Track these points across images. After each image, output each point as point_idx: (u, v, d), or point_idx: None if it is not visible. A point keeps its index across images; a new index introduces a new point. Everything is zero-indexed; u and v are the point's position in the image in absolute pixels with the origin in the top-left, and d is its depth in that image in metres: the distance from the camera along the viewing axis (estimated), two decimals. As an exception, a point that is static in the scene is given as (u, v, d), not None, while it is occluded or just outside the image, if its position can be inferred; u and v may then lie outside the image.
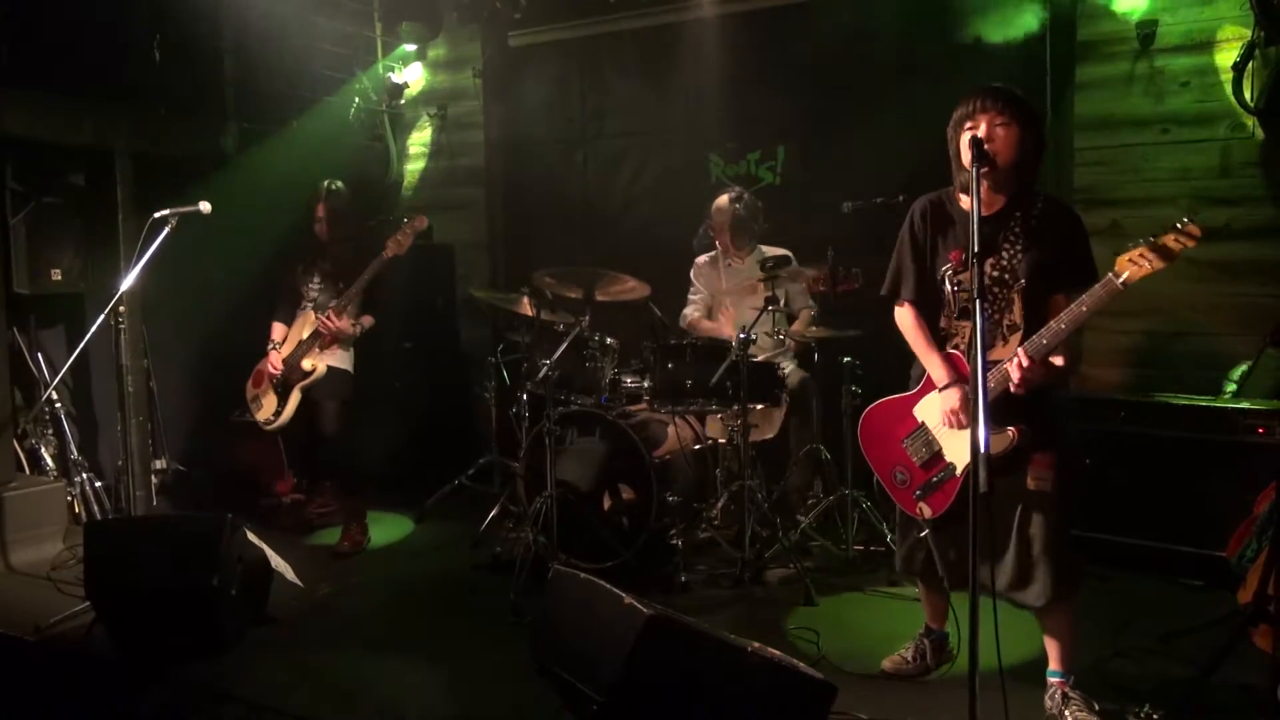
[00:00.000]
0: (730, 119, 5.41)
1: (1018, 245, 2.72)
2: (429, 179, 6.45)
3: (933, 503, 2.82)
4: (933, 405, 2.85)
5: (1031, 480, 2.68)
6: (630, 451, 4.03)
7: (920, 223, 2.88)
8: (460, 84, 6.29)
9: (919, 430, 2.87)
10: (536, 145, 5.94)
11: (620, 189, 5.70)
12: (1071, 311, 2.55)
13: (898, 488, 2.91)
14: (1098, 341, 4.51)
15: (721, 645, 2.36)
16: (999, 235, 2.73)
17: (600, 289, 4.32)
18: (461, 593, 4.06)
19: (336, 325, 4.33)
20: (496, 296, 4.86)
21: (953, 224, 2.84)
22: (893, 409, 2.95)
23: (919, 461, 2.85)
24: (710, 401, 4.08)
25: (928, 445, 2.84)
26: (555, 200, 5.84)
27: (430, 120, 6.37)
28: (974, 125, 2.67)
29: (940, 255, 2.84)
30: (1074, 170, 4.57)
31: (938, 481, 2.81)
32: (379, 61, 6.24)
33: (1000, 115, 2.65)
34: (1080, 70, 4.54)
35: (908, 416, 2.90)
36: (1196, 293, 4.33)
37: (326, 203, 4.51)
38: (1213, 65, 4.26)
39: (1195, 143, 4.32)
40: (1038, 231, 2.71)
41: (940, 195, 2.90)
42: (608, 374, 4.21)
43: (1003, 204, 2.75)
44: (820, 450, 4.37)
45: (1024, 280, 2.70)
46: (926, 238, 2.86)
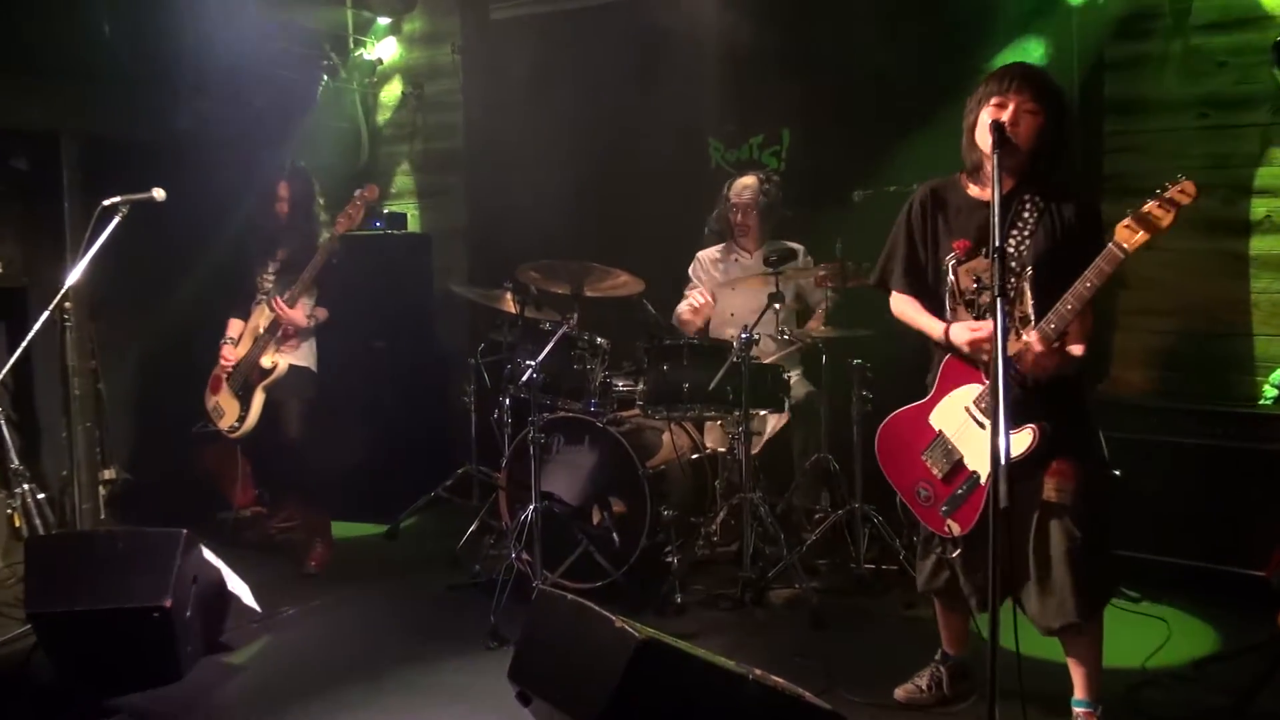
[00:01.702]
0: (731, 100, 5.41)
1: (1026, 230, 2.74)
2: (404, 163, 6.44)
3: (960, 518, 2.81)
4: (949, 409, 2.86)
5: (1050, 491, 2.69)
6: (621, 461, 4.02)
7: (919, 210, 2.91)
8: (438, 61, 6.28)
9: (937, 440, 2.88)
10: (521, 127, 5.92)
11: (612, 175, 5.69)
12: (1075, 289, 2.57)
13: (923, 506, 2.91)
14: (1127, 342, 4.53)
15: (720, 673, 2.36)
16: (1006, 219, 2.74)
17: (590, 284, 4.32)
18: (437, 615, 4.05)
19: (287, 313, 4.33)
20: (477, 292, 4.86)
21: (956, 211, 2.85)
22: (909, 420, 2.95)
23: (941, 474, 2.86)
24: (709, 407, 4.08)
25: (947, 455, 2.85)
26: (541, 187, 5.81)
27: (405, 100, 6.36)
28: (1002, 104, 2.69)
29: (942, 245, 2.85)
30: (1103, 157, 4.59)
31: (963, 494, 2.81)
32: (349, 36, 6.23)
33: (1032, 102, 2.68)
34: (1110, 48, 4.56)
35: (925, 426, 2.90)
36: (1233, 290, 4.34)
37: (290, 182, 4.51)
38: (1253, 44, 4.28)
39: (1234, 128, 4.34)
40: (1046, 214, 2.74)
41: (944, 182, 2.92)
42: (597, 377, 4.21)
43: (1011, 187, 2.77)
44: (828, 460, 4.37)
45: (1032, 268, 2.71)
46: (926, 226, 2.89)
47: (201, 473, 5.10)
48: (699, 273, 4.86)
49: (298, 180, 4.54)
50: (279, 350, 4.44)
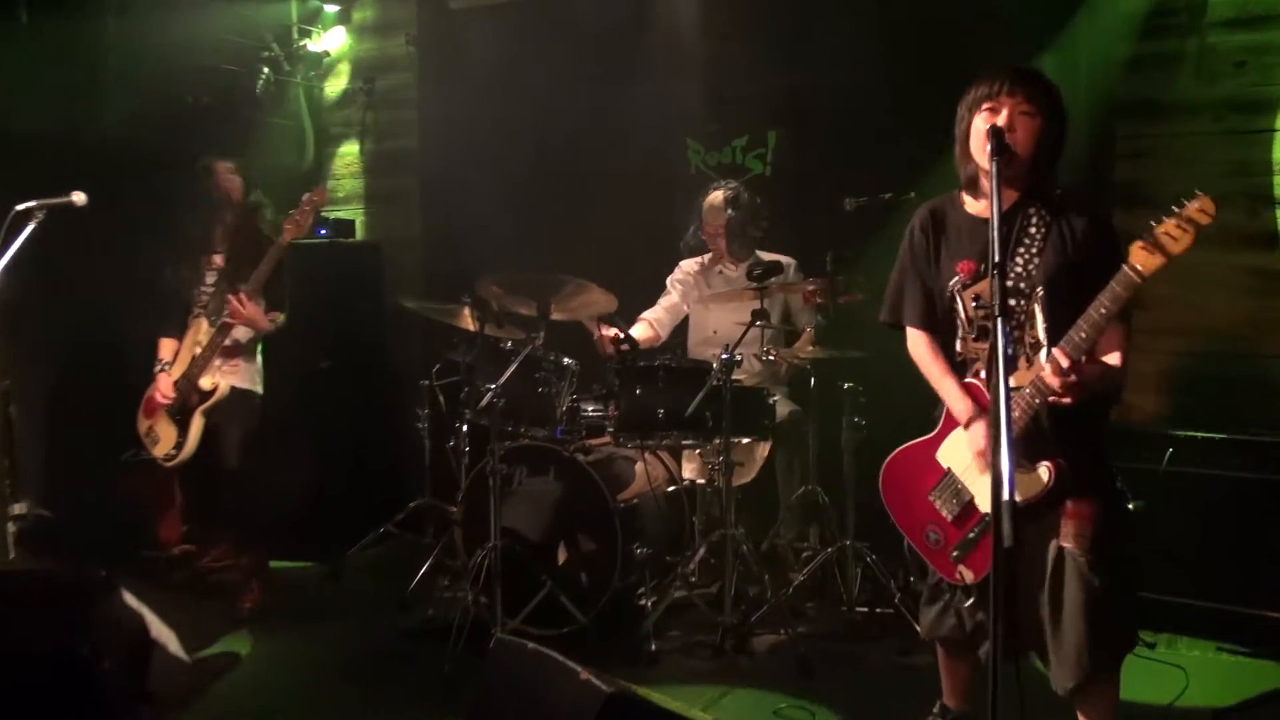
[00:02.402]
0: (713, 98, 5.45)
1: (1034, 247, 2.76)
2: (353, 165, 6.44)
3: (973, 564, 2.82)
4: (958, 446, 2.87)
5: (1066, 535, 2.69)
6: (590, 494, 4.02)
7: (920, 235, 2.93)
8: (391, 53, 6.29)
9: (946, 479, 2.89)
10: (482, 126, 5.94)
11: (581, 180, 5.71)
12: (1089, 315, 2.58)
13: (933, 550, 2.92)
14: (1141, 364, 4.56)
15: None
16: (1011, 237, 2.77)
17: (557, 300, 4.32)
18: (386, 664, 4.02)
19: (248, 311, 4.30)
20: (432, 307, 4.85)
21: (959, 231, 2.87)
22: (915, 457, 2.96)
23: (950, 516, 2.87)
24: (686, 435, 4.08)
25: (957, 495, 2.86)
26: (504, 192, 5.83)
27: (355, 96, 6.36)
28: (994, 108, 2.71)
29: (945, 269, 2.87)
30: (1114, 163, 4.65)
31: (975, 538, 2.82)
32: (293, 25, 6.23)
33: (1027, 103, 2.70)
34: (1120, 46, 4.61)
35: (932, 464, 2.91)
36: (1256, 309, 4.41)
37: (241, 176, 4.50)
38: (1271, 43, 4.36)
39: (1252, 133, 4.41)
40: (1055, 229, 2.75)
41: (942, 201, 2.95)
42: (564, 401, 4.21)
43: (1014, 200, 2.79)
44: (817, 494, 4.39)
45: (1042, 288, 2.73)
46: (929, 251, 2.90)
47: (129, 505, 5.05)
48: (677, 282, 4.88)
49: (248, 176, 4.54)
50: (220, 371, 4.41)
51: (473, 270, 4.53)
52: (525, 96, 5.77)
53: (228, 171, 4.52)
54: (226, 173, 4.51)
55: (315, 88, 6.41)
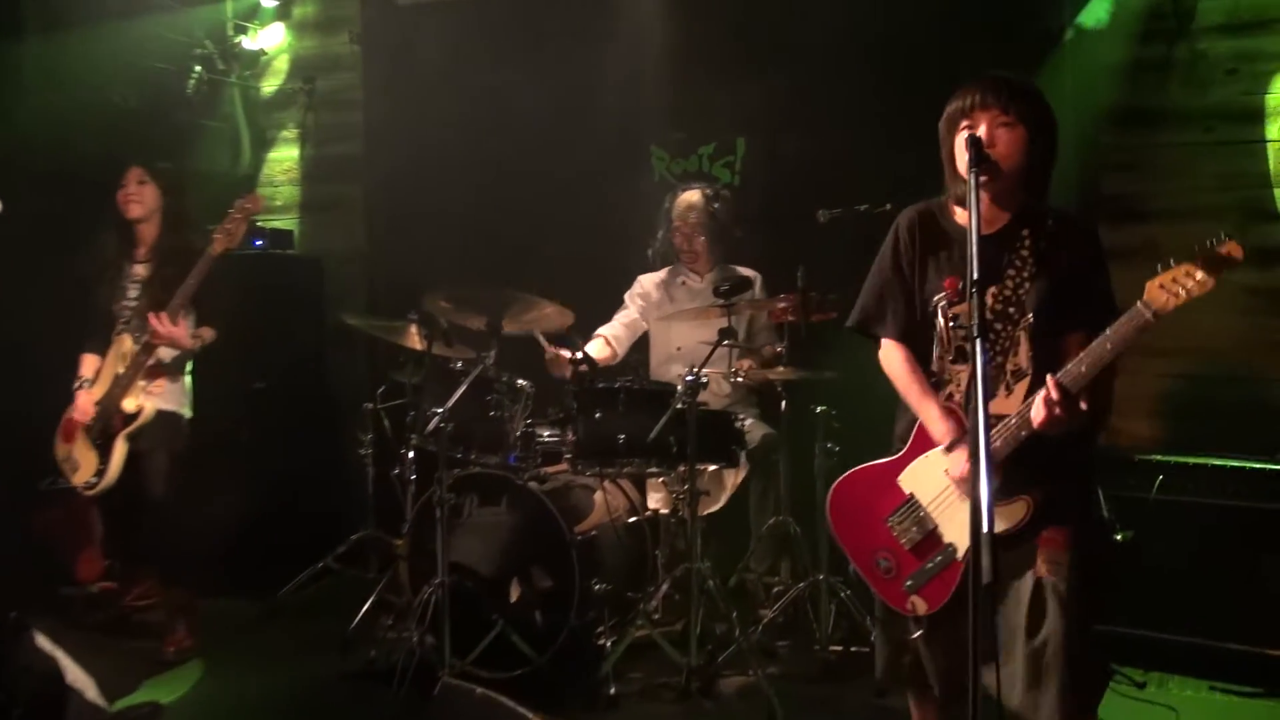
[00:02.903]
0: (679, 103, 5.47)
1: (1024, 272, 2.78)
2: (291, 171, 6.41)
3: (928, 595, 2.84)
4: (925, 472, 2.88)
5: (1044, 565, 2.71)
6: (546, 526, 4.01)
7: (907, 239, 2.93)
8: (333, 51, 6.28)
9: (908, 505, 2.90)
10: (431, 130, 5.93)
11: (537, 189, 5.71)
12: (1094, 351, 2.59)
13: (882, 578, 2.93)
14: (1130, 387, 4.62)
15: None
16: (1002, 259, 2.79)
17: (510, 317, 4.32)
18: (325, 711, 4.00)
19: (169, 330, 4.26)
20: (376, 324, 4.84)
21: (948, 243, 2.89)
22: (872, 479, 2.97)
23: (909, 544, 2.88)
24: (649, 462, 4.08)
25: (919, 524, 2.87)
26: (454, 201, 5.83)
27: (294, 97, 6.34)
28: (971, 124, 2.73)
29: (931, 281, 2.89)
30: (1101, 175, 4.72)
31: (934, 568, 2.83)
32: (228, 20, 6.20)
33: (1004, 114, 2.70)
34: (1107, 52, 4.70)
35: (892, 488, 2.92)
36: (1249, 328, 4.49)
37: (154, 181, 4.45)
38: (1262, 50, 4.47)
39: (1243, 144, 4.51)
40: (1048, 255, 2.77)
41: (930, 206, 2.95)
42: (518, 426, 4.20)
43: (1007, 221, 2.81)
44: (788, 525, 4.40)
45: (1031, 315, 2.76)
46: (914, 259, 2.91)
47: (43, 539, 4.96)
48: (637, 297, 4.89)
49: (163, 181, 4.49)
50: (145, 392, 4.36)
51: (420, 284, 4.51)
52: (478, 100, 5.78)
53: (137, 180, 4.46)
54: (135, 181, 4.46)
55: (251, 88, 6.38)
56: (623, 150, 5.60)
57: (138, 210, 4.47)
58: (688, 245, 4.80)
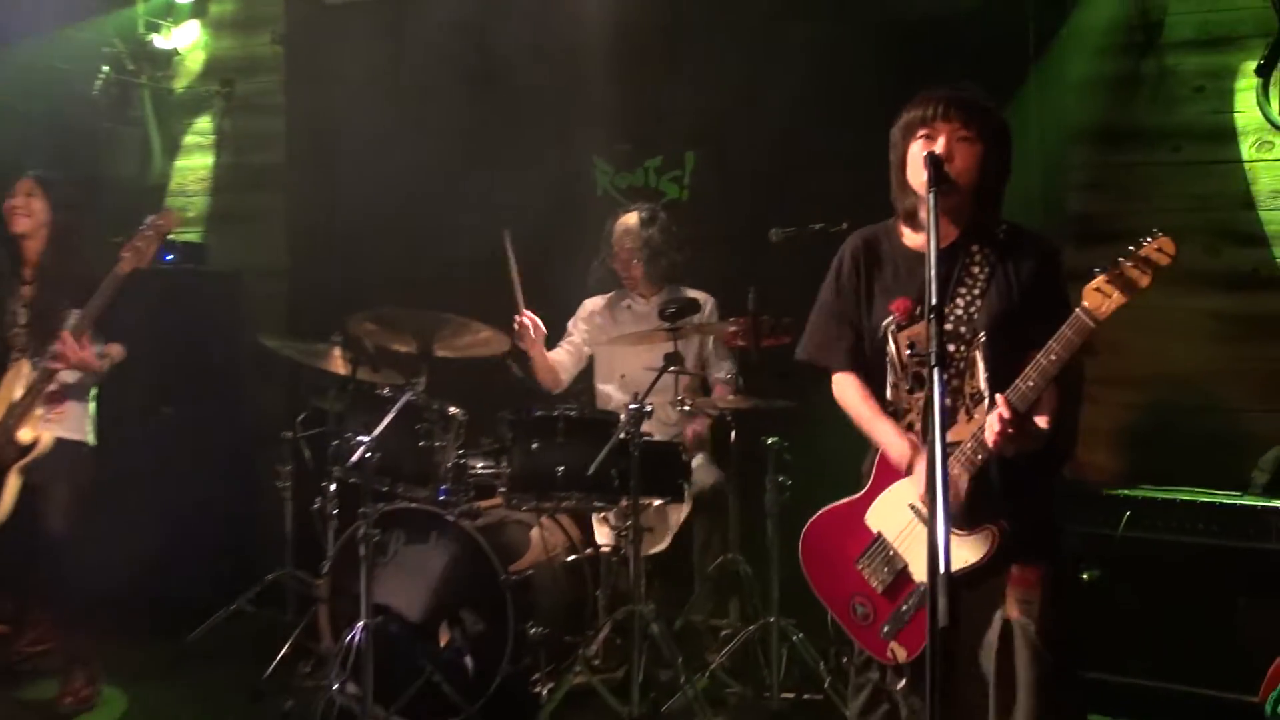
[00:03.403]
0: (624, 113, 5.50)
1: (975, 289, 2.83)
2: (207, 181, 6.36)
3: (906, 641, 2.86)
4: (890, 507, 2.91)
5: (1014, 605, 2.75)
6: (478, 565, 4.00)
7: (851, 267, 2.99)
8: (254, 52, 6.26)
9: (875, 544, 2.93)
10: (358, 138, 5.91)
11: (472, 203, 5.71)
12: (1039, 363, 2.65)
13: (859, 625, 2.95)
14: (1095, 418, 4.68)
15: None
16: (952, 276, 2.84)
17: (442, 340, 4.32)
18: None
19: (77, 354, 4.19)
20: (298, 347, 4.81)
21: (892, 265, 2.94)
22: (840, 519, 3.00)
23: (880, 587, 2.91)
24: (590, 496, 4.09)
25: (888, 563, 2.90)
26: (383, 215, 5.81)
27: (211, 100, 6.31)
28: (930, 134, 2.79)
29: (878, 306, 2.93)
30: (1066, 195, 4.80)
31: (909, 611, 2.85)
32: (138, 16, 6.15)
33: (965, 128, 2.77)
34: (1072, 65, 4.78)
35: (859, 528, 2.95)
36: (1218, 356, 4.57)
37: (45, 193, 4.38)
38: (1231, 67, 4.57)
39: (1213, 164, 4.61)
40: (1000, 269, 2.83)
41: (876, 231, 3.02)
42: (449, 457, 4.19)
43: (956, 236, 2.87)
44: (737, 563, 4.41)
45: (984, 334, 2.80)
46: (860, 284, 2.96)
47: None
48: (580, 322, 4.91)
49: (54, 194, 4.41)
50: (43, 421, 4.29)
51: (345, 304, 4.51)
52: (409, 106, 5.78)
53: (25, 192, 4.39)
54: (23, 193, 4.39)
55: (164, 90, 6.33)
56: (565, 162, 5.61)
57: (24, 225, 4.38)
58: (625, 270, 4.83)
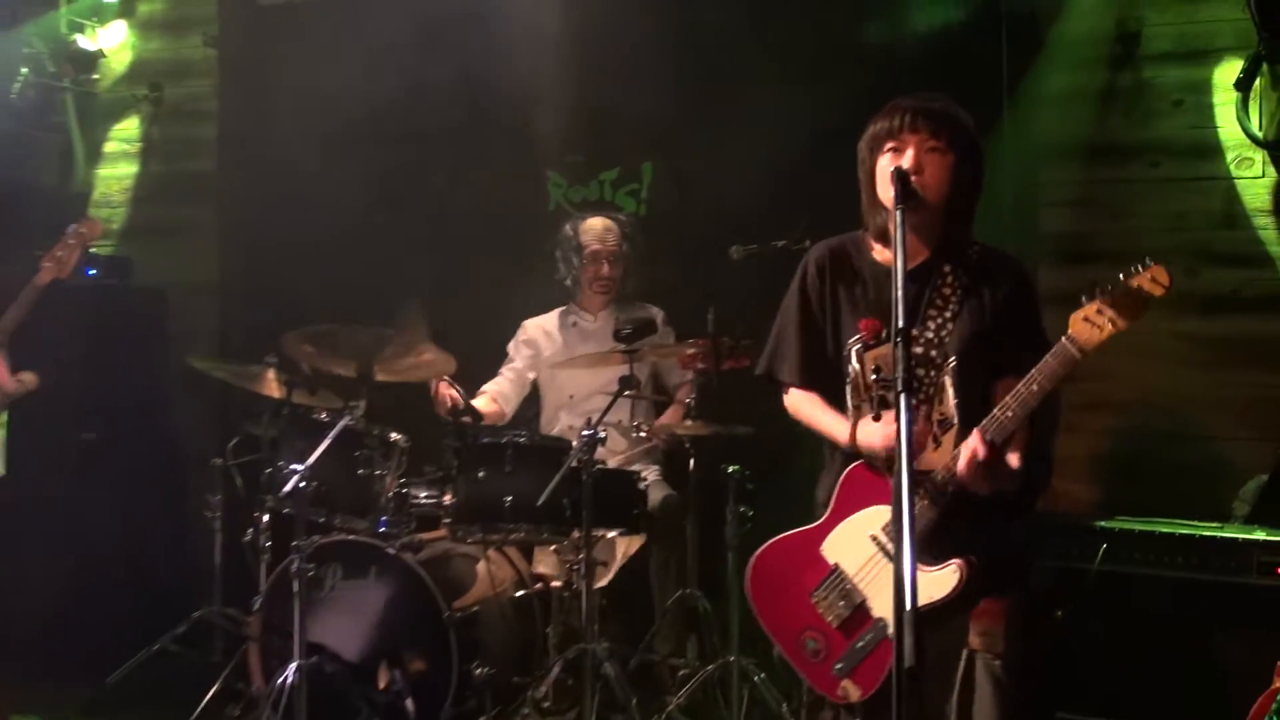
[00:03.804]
0: (578, 123, 5.50)
1: (947, 311, 2.86)
2: (132, 190, 6.33)
3: (861, 679, 2.87)
4: (850, 538, 2.92)
5: (976, 638, 2.77)
6: (420, 601, 3.98)
7: (816, 279, 3.01)
8: (184, 55, 6.23)
9: (833, 577, 2.93)
10: (295, 147, 5.87)
11: (417, 216, 5.70)
12: (1020, 393, 2.67)
13: (810, 661, 2.95)
14: (1071, 446, 4.72)
15: None
16: (923, 297, 2.86)
17: (383, 362, 4.30)
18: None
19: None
20: (229, 368, 4.79)
21: (861, 281, 2.97)
22: (795, 549, 3.01)
23: (836, 621, 2.91)
24: (539, 527, 4.08)
25: (845, 597, 2.90)
26: (321, 229, 5.77)
27: (138, 105, 6.27)
28: (898, 146, 2.81)
29: (845, 324, 2.95)
30: (1039, 212, 4.85)
31: (864, 648, 2.86)
32: (61, 16, 6.11)
33: (934, 139, 2.80)
34: (1047, 79, 4.84)
35: (815, 558, 2.96)
36: (1198, 381, 4.63)
37: None
38: (1210, 80, 4.64)
39: (1191, 181, 4.67)
40: (972, 291, 2.86)
41: (844, 242, 3.03)
42: (390, 486, 4.18)
43: (927, 255, 2.89)
44: (697, 599, 4.41)
45: (955, 358, 2.82)
46: (825, 300, 2.98)
47: None
48: (523, 344, 4.92)
49: None
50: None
51: (280, 323, 4.47)
52: (350, 113, 5.75)
53: None
54: None
55: (88, 94, 6.28)
56: (515, 174, 5.62)
57: None
58: (606, 271, 4.83)
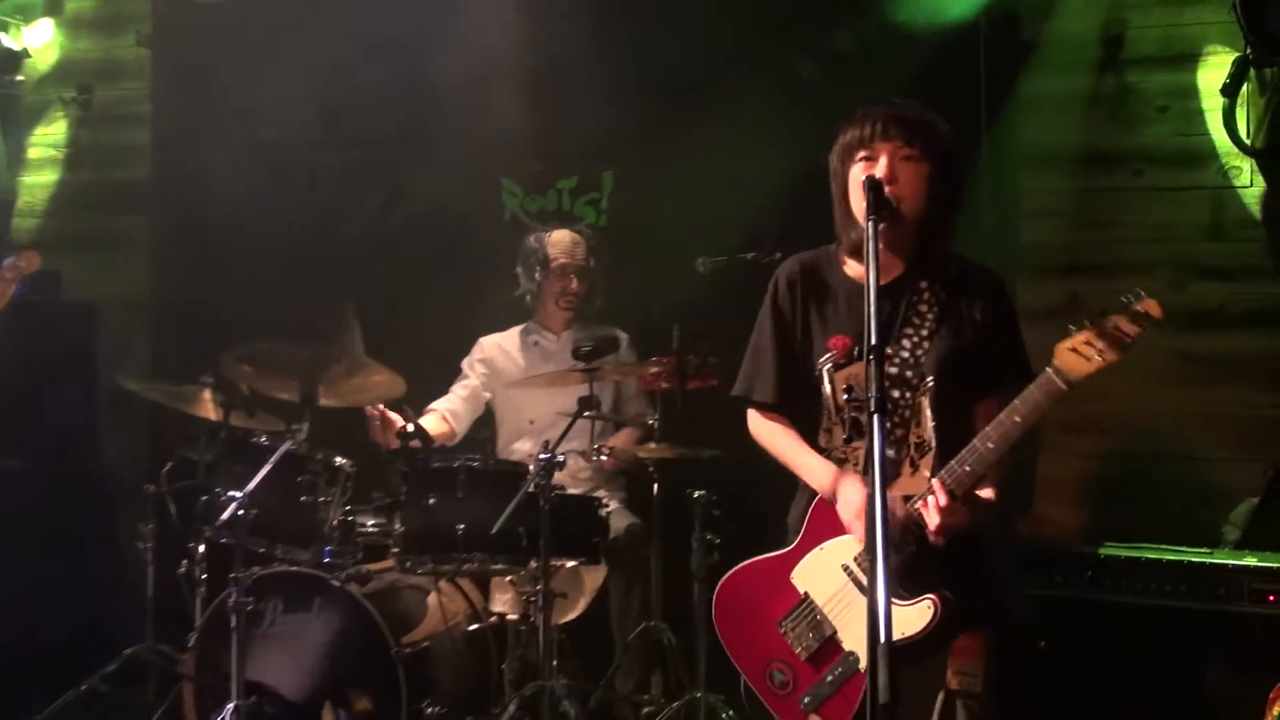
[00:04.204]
0: (535, 129, 5.51)
1: (924, 330, 2.87)
2: (59, 198, 6.29)
3: (829, 714, 2.88)
4: (821, 566, 2.93)
5: (954, 676, 2.79)
6: (366, 635, 3.98)
7: (787, 294, 3.02)
8: (116, 55, 6.21)
9: (802, 606, 2.94)
10: (234, 154, 5.86)
11: (364, 227, 5.69)
12: (1001, 424, 2.68)
13: (776, 694, 2.96)
14: (1054, 468, 4.76)
15: None
16: (898, 314, 2.87)
17: (328, 383, 4.29)
18: None
19: None
20: (163, 389, 4.78)
21: (833, 297, 2.98)
22: (763, 575, 3.02)
23: (805, 653, 2.92)
24: (494, 557, 4.07)
25: (815, 628, 2.91)
26: (262, 241, 5.77)
27: (65, 108, 6.25)
28: (870, 155, 2.82)
29: (816, 341, 2.96)
30: (1019, 223, 4.89)
31: (834, 681, 2.87)
32: (-17, 12, 6.10)
33: (908, 147, 2.81)
34: (1026, 83, 4.89)
35: (784, 586, 2.97)
36: (1185, 400, 4.67)
37: None
38: (1196, 85, 4.69)
39: (1177, 190, 4.71)
40: (951, 309, 2.87)
41: (817, 256, 3.05)
42: (335, 514, 4.17)
43: (903, 270, 2.91)
44: (661, 632, 4.41)
45: (932, 379, 2.84)
46: (797, 316, 2.99)
47: None
48: (477, 364, 4.92)
49: None
50: None
51: (217, 341, 4.45)
52: (292, 117, 5.73)
53: None
54: None
55: (11, 95, 6.24)
56: (467, 183, 5.62)
57: None
58: (576, 285, 4.86)
